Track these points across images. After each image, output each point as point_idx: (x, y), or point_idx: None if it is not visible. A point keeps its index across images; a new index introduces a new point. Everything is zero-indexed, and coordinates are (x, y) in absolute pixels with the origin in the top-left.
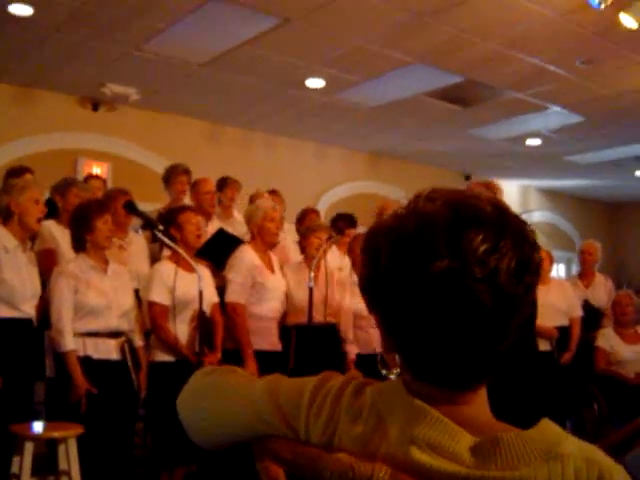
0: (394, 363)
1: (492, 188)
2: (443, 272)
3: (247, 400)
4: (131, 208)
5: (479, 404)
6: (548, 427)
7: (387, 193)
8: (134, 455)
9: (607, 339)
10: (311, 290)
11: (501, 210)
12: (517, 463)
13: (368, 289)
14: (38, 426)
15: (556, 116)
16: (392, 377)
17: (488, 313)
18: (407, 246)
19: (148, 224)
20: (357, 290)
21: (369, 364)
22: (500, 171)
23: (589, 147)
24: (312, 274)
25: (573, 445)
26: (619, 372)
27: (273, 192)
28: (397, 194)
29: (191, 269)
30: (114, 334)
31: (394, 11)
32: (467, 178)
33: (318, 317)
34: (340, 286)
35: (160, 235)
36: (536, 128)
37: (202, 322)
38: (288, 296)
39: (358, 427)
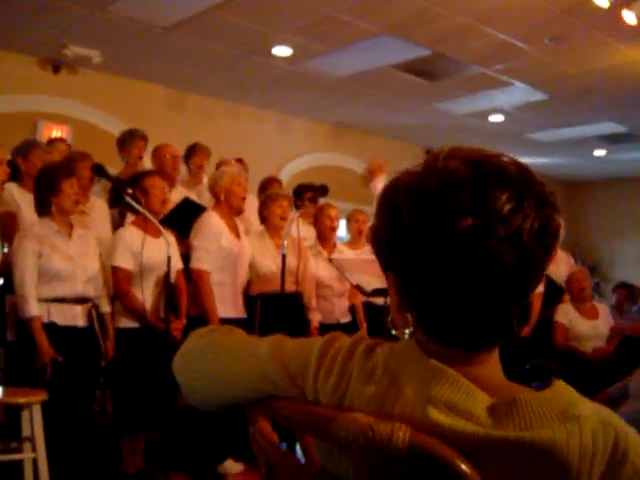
0: (405, 323)
1: None
2: (467, 230)
3: (251, 360)
4: (100, 171)
5: (493, 365)
6: (563, 388)
7: (349, 165)
8: (94, 422)
9: (566, 314)
10: (284, 258)
11: (524, 170)
12: (534, 424)
13: (386, 246)
14: (3, 392)
15: (520, 93)
16: (403, 337)
17: (509, 273)
18: (431, 203)
19: (117, 188)
20: (321, 260)
21: None
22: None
23: (551, 125)
24: (285, 242)
25: (588, 407)
26: (577, 347)
27: (239, 161)
28: (359, 166)
29: (157, 234)
30: (80, 300)
31: None
32: (428, 152)
33: (285, 286)
34: (305, 255)
35: (129, 199)
36: (500, 104)
37: (167, 288)
38: (252, 265)
39: (371, 387)
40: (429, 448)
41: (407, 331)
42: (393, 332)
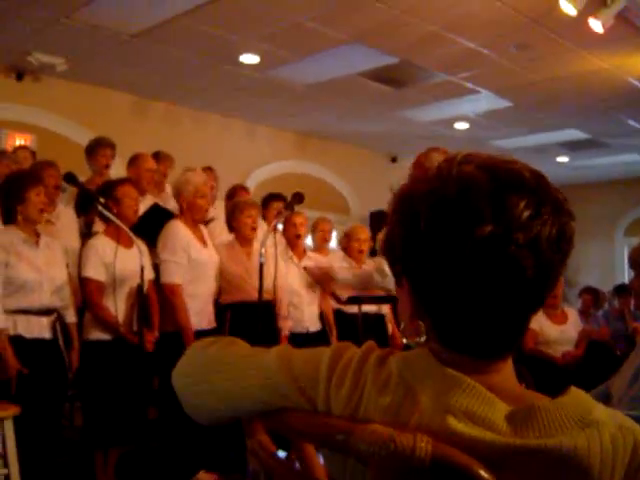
0: (418, 331)
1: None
2: (487, 237)
3: (258, 373)
4: (71, 180)
5: (507, 372)
6: (578, 394)
7: (315, 173)
8: (63, 436)
9: (537, 319)
10: (261, 266)
11: (539, 176)
12: (554, 431)
13: (401, 253)
14: None
15: (485, 100)
16: (416, 346)
17: (528, 280)
18: (450, 210)
19: (87, 197)
20: (292, 267)
21: (301, 342)
22: None
23: (514, 132)
24: (263, 250)
25: (604, 412)
26: (547, 352)
27: (208, 169)
28: (324, 174)
29: (129, 244)
30: (46, 311)
31: None
32: (393, 160)
33: (256, 294)
34: (279, 263)
35: (101, 208)
36: (465, 112)
37: (141, 300)
38: (223, 273)
39: (385, 398)
40: (451, 458)
41: (419, 340)
42: (405, 340)
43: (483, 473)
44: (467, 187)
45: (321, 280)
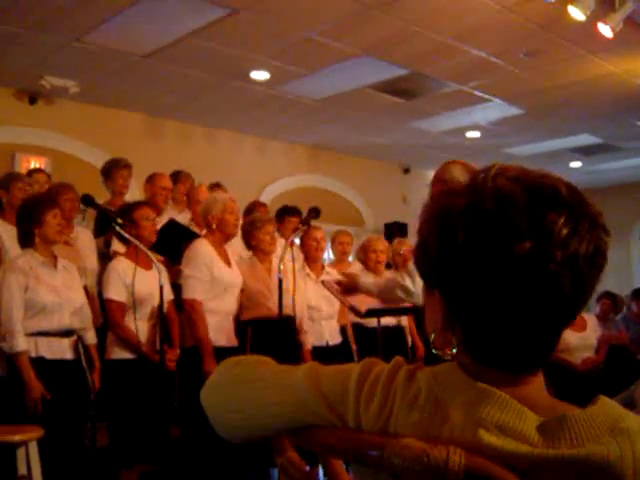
0: (449, 343)
1: (470, 168)
2: (526, 254)
3: (287, 391)
4: (88, 201)
5: (538, 384)
6: (607, 403)
7: (328, 186)
8: (87, 456)
9: None
10: (280, 282)
11: (574, 190)
12: (586, 440)
13: (435, 265)
14: None
15: (496, 108)
16: (446, 357)
17: (564, 296)
18: (488, 224)
19: (106, 218)
20: (310, 282)
21: (323, 355)
22: (439, 164)
23: (527, 139)
24: (282, 266)
25: (635, 420)
26: (567, 359)
27: (217, 185)
28: (338, 187)
29: (148, 266)
30: (66, 333)
31: (341, 2)
32: (406, 171)
33: (276, 310)
34: (297, 279)
35: (119, 229)
36: (476, 121)
37: (162, 319)
38: (243, 290)
39: (415, 413)
40: (485, 470)
41: (450, 352)
42: (434, 351)
43: None
44: (505, 202)
45: (341, 291)
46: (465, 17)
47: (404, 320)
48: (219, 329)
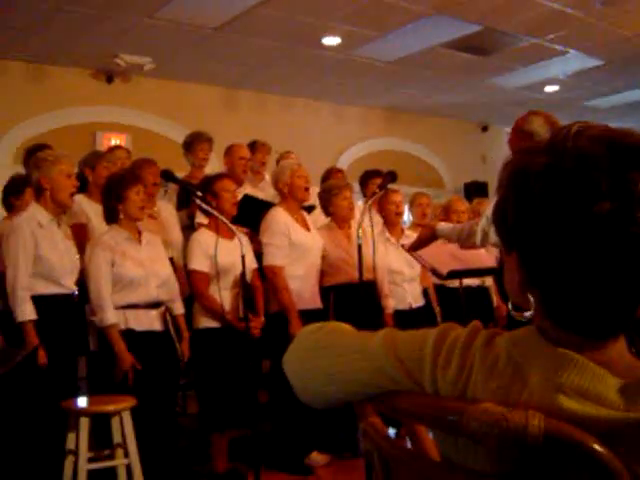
0: (527, 305)
1: (551, 120)
2: (606, 214)
3: (365, 357)
4: (168, 176)
5: (619, 346)
6: None
7: (406, 149)
8: (178, 424)
9: None
10: (360, 247)
11: None
12: None
13: (513, 226)
14: (90, 401)
15: (574, 61)
16: (523, 319)
17: None
18: (567, 185)
19: (187, 191)
20: (390, 245)
21: (406, 319)
22: None
23: (608, 91)
24: (360, 231)
25: None
26: None
27: (288, 153)
28: (415, 149)
29: (230, 236)
30: (154, 305)
31: None
32: (484, 129)
33: (357, 275)
34: (376, 243)
35: (199, 202)
36: (554, 74)
37: (244, 288)
38: (324, 256)
39: (495, 378)
40: (565, 434)
41: (527, 314)
42: (512, 313)
43: (597, 447)
44: (585, 161)
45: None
46: None
47: (488, 280)
48: (303, 292)
